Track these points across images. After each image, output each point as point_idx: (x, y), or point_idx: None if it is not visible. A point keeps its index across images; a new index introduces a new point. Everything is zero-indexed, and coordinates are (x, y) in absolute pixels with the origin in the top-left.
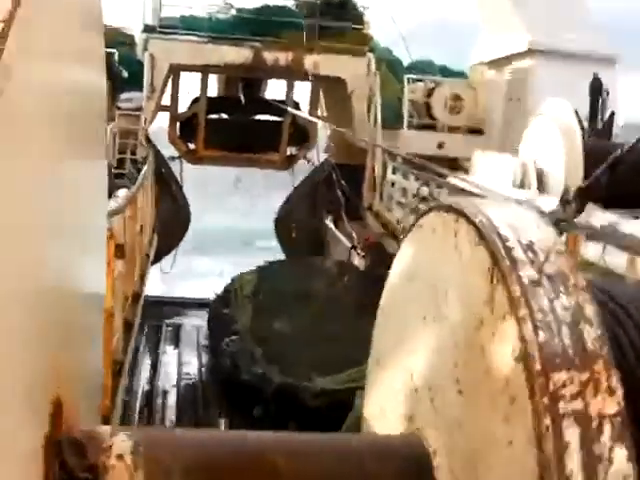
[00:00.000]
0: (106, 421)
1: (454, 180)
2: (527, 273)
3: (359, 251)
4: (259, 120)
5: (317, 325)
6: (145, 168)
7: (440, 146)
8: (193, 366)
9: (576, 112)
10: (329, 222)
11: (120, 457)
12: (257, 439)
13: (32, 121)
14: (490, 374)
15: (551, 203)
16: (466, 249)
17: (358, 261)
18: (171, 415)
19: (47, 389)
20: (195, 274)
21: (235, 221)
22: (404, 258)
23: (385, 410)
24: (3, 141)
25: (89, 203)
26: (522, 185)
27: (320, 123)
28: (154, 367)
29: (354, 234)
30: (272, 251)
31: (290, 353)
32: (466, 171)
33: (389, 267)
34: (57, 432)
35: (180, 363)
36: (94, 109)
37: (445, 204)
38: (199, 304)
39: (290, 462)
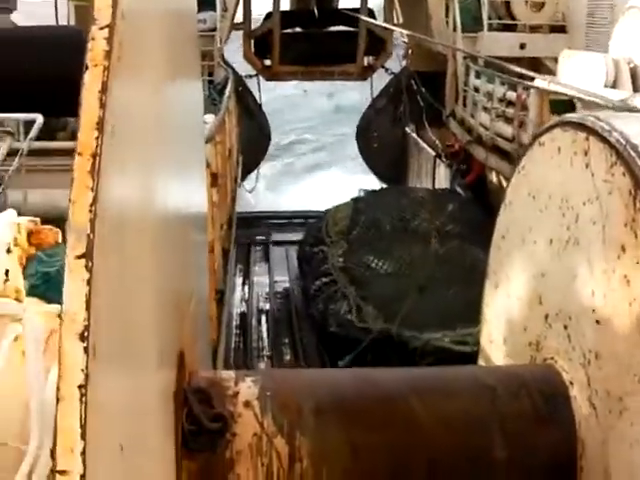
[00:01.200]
0: (214, 354)
1: (542, 82)
2: None
3: (444, 159)
4: (334, 31)
5: (421, 265)
6: (228, 90)
7: (522, 47)
8: (285, 284)
9: None
10: (411, 131)
11: (247, 404)
12: (387, 378)
13: (152, 44)
14: (635, 304)
15: None
16: (600, 169)
17: (443, 169)
18: (265, 335)
19: (174, 340)
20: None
21: None
22: (524, 177)
23: (507, 337)
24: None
25: (193, 125)
26: (615, 85)
27: (397, 31)
28: (247, 287)
29: (438, 142)
30: None
31: (391, 298)
32: (550, 72)
33: (478, 177)
34: (181, 382)
35: (272, 282)
36: (190, 30)
37: (572, 119)
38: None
39: (425, 404)
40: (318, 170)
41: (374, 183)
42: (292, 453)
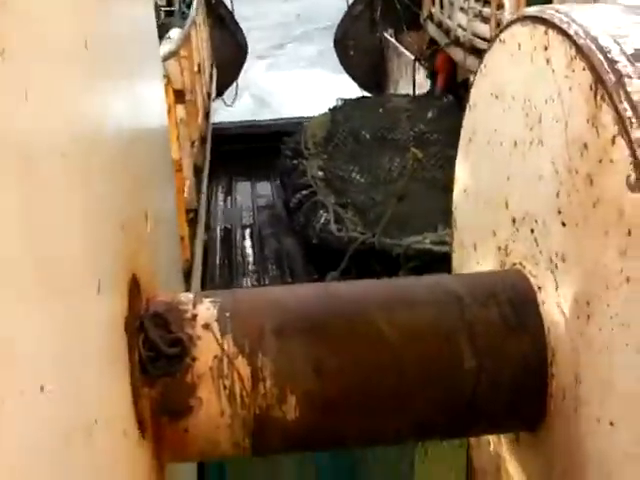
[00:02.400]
0: (187, 276)
1: None
2: (637, 89)
3: (423, 62)
4: None
5: (400, 172)
6: (195, 2)
7: None
8: (268, 198)
9: None
10: (389, 36)
11: (206, 326)
12: (351, 293)
13: None
14: (600, 205)
15: None
16: (560, 64)
17: (423, 73)
18: (250, 250)
19: (122, 264)
20: None
21: None
22: (486, 76)
23: (477, 243)
24: None
25: (139, 49)
26: None
27: None
28: (229, 204)
29: (416, 46)
30: None
31: (371, 206)
32: None
33: (457, 80)
34: (137, 307)
35: (254, 196)
36: None
37: (530, 14)
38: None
39: (390, 318)
40: None
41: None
42: (254, 374)
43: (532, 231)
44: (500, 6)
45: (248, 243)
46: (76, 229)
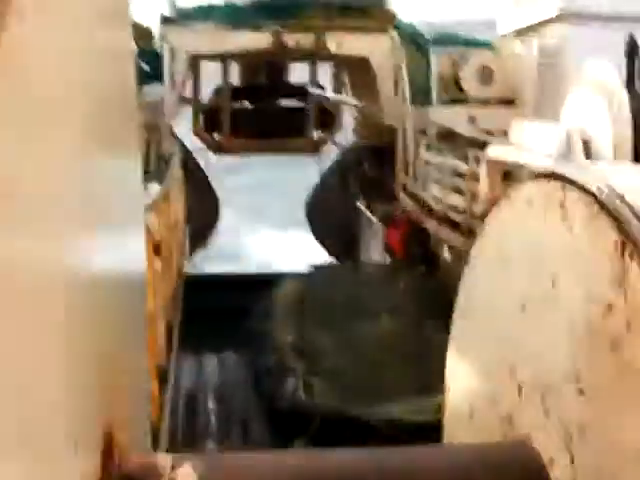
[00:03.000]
0: (155, 436)
1: (494, 151)
2: None
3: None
4: (284, 106)
5: (372, 341)
6: (174, 161)
7: (472, 120)
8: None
9: None
10: (361, 205)
11: None
12: (348, 464)
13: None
14: (625, 372)
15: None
16: (579, 221)
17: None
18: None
19: (98, 418)
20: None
21: None
22: (489, 238)
23: (475, 410)
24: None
25: (129, 198)
26: (567, 155)
27: (346, 106)
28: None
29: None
30: None
31: (341, 374)
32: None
33: (427, 248)
34: (109, 469)
35: (221, 358)
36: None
37: (545, 171)
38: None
39: None
40: None
41: None
42: None
43: (542, 399)
44: (475, 179)
45: (212, 405)
46: (55, 372)
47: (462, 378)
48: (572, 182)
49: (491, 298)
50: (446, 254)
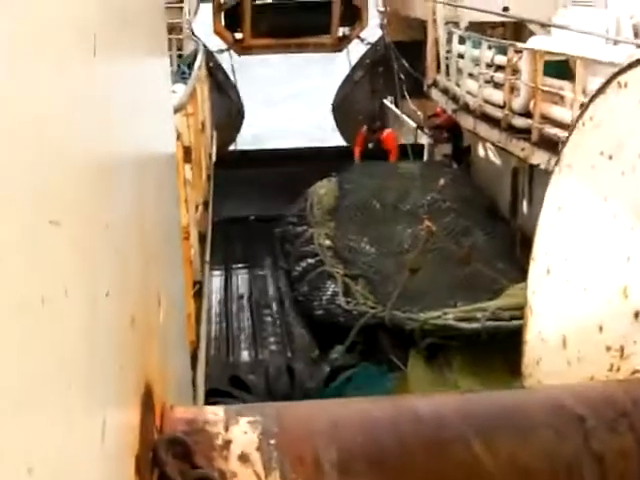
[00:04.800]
0: (194, 360)
1: (535, 41)
2: None
3: (426, 130)
4: (306, 1)
5: (413, 243)
6: (198, 60)
7: (505, 9)
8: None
9: None
10: (389, 103)
11: (244, 458)
12: (436, 413)
13: None
14: None
15: None
16: None
17: (426, 140)
18: (248, 323)
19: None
20: None
21: None
22: (592, 131)
23: (569, 337)
24: None
25: (155, 105)
26: (615, 43)
27: None
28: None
29: (419, 112)
30: None
31: (382, 279)
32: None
33: (466, 148)
34: (148, 429)
35: (253, 264)
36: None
37: None
38: None
39: (492, 448)
40: None
41: None
42: None
43: None
44: (515, 71)
45: (246, 314)
46: (80, 321)
47: (551, 299)
48: None
49: (595, 204)
50: (481, 151)
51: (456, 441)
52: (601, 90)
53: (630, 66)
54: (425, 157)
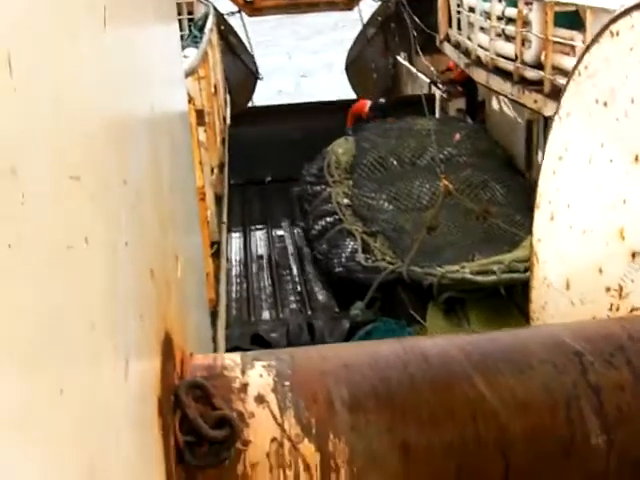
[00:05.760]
0: (214, 317)
1: None
2: None
3: (440, 85)
4: None
5: (431, 199)
6: (209, 23)
7: None
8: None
9: None
10: (402, 59)
11: (260, 399)
12: (441, 352)
13: None
14: None
15: None
16: None
17: (438, 95)
18: (268, 282)
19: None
20: None
21: None
22: (586, 80)
23: (572, 280)
24: None
25: (166, 67)
26: None
27: None
28: (244, 228)
29: (432, 69)
30: None
31: (400, 234)
32: None
33: (481, 102)
34: (170, 375)
35: (271, 224)
36: None
37: None
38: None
39: (494, 385)
40: None
41: None
42: (325, 461)
43: None
44: (526, 24)
45: (266, 274)
46: (101, 274)
47: (555, 245)
48: None
49: (591, 151)
50: (495, 104)
51: (461, 379)
52: (595, 39)
53: (621, 15)
54: (437, 112)
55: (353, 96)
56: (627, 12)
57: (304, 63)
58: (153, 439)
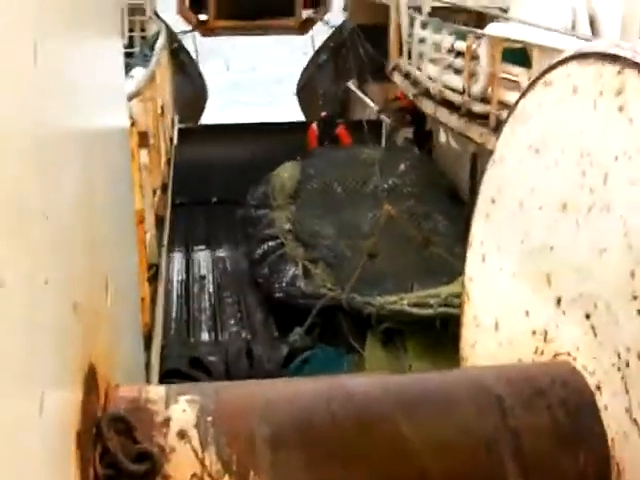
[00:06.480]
0: (147, 342)
1: (494, 28)
2: None
3: (389, 113)
4: None
5: (373, 227)
6: (159, 43)
7: None
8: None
9: None
10: (353, 86)
11: (182, 434)
12: (364, 392)
13: None
14: None
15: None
16: None
17: (385, 124)
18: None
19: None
20: None
21: None
22: (521, 125)
23: (500, 322)
24: None
25: (105, 88)
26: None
27: None
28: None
29: (381, 97)
30: None
31: (341, 262)
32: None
33: (428, 132)
34: (92, 407)
35: (213, 246)
36: None
37: (594, 50)
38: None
39: (415, 425)
40: None
41: None
42: None
43: (588, 317)
44: (474, 58)
45: (207, 295)
46: (9, 320)
47: (486, 285)
48: (634, 65)
49: (522, 196)
50: (443, 136)
51: (383, 418)
52: (531, 86)
53: (557, 64)
54: (384, 140)
55: (302, 118)
56: (563, 61)
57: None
58: (71, 472)
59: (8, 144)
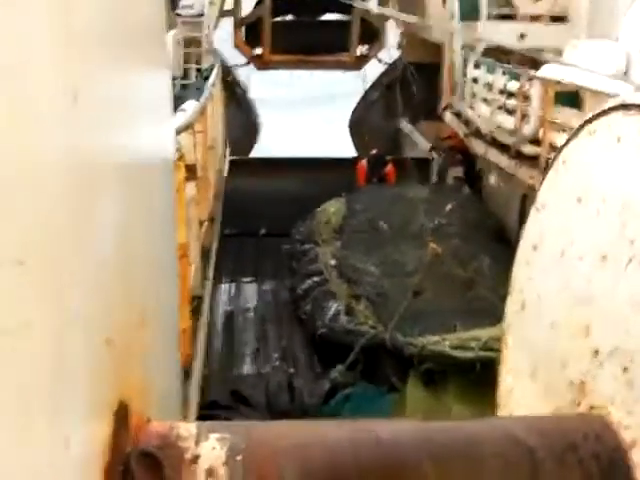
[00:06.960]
0: (188, 375)
1: (547, 70)
2: None
3: (440, 152)
4: (326, 20)
5: (418, 266)
6: (213, 75)
7: (522, 36)
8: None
9: None
10: (404, 124)
11: (211, 473)
12: (393, 437)
13: None
14: None
15: None
16: None
17: (435, 162)
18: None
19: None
20: None
21: None
22: (564, 174)
23: (537, 371)
24: None
25: (149, 121)
26: (626, 76)
27: (391, 20)
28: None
29: (431, 134)
30: None
31: (384, 300)
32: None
33: (477, 170)
34: (123, 441)
35: (259, 279)
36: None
37: (638, 103)
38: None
39: (443, 473)
40: None
41: None
42: None
43: (625, 370)
44: (526, 98)
45: (251, 328)
46: (39, 363)
47: (524, 333)
48: None
49: (564, 245)
50: (492, 177)
51: (411, 466)
52: (574, 134)
53: (600, 114)
54: (434, 178)
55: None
56: (606, 112)
57: None
58: None
59: (44, 175)
